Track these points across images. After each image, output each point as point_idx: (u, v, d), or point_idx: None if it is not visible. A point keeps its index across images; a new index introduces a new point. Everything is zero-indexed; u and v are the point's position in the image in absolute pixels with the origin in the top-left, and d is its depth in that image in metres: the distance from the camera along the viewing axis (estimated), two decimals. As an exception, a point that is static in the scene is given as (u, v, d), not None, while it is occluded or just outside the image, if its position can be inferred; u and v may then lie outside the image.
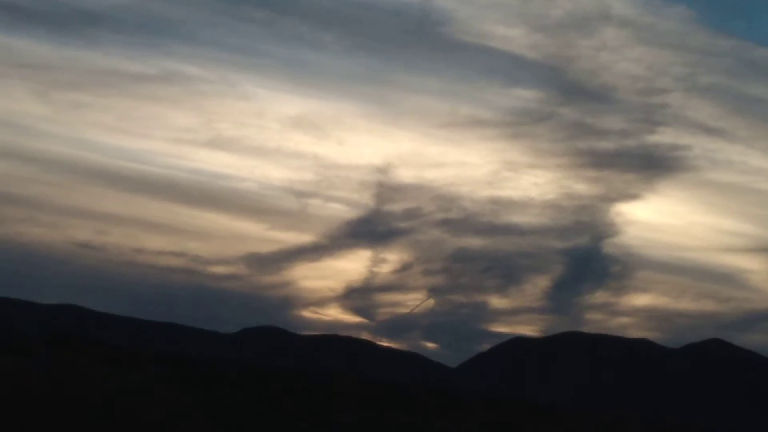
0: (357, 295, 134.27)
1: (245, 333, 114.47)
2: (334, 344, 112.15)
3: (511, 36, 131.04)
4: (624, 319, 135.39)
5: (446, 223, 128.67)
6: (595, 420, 36.44)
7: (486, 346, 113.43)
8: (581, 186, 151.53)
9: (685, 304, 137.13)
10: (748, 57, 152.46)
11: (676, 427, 45.89)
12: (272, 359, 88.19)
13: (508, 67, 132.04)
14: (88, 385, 18.90)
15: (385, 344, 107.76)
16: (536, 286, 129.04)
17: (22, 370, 18.55)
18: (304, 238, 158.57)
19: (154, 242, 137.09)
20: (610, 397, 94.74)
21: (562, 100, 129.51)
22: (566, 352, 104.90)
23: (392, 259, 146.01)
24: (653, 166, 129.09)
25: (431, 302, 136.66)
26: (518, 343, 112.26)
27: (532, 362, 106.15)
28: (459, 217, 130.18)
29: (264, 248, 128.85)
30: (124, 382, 21.29)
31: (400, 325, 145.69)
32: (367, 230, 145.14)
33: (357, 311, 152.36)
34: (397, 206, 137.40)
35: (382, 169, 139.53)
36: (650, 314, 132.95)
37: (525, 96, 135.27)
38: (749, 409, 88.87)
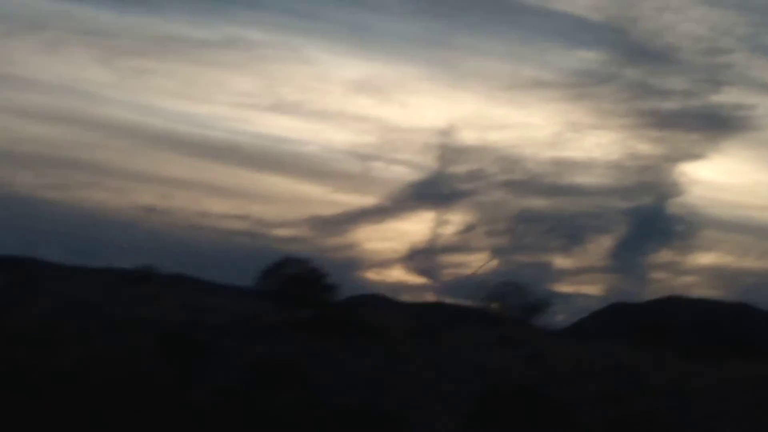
0: (421, 257, 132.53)
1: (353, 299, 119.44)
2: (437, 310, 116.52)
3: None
4: (689, 278, 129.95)
5: (509, 185, 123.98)
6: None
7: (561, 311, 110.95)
8: (645, 146, 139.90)
9: (750, 263, 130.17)
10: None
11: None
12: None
13: (570, 29, 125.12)
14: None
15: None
16: (600, 246, 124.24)
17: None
18: (367, 200, 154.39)
19: (218, 206, 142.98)
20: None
21: (625, 61, 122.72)
22: (669, 315, 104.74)
23: (455, 220, 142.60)
24: (717, 126, 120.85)
25: (494, 263, 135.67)
26: (617, 308, 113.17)
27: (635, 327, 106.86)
28: (522, 179, 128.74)
29: (327, 210, 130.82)
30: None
31: (464, 286, 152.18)
32: (431, 192, 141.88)
33: (421, 272, 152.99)
34: (460, 168, 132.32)
35: (445, 132, 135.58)
36: (715, 273, 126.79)
37: (588, 57, 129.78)
38: None
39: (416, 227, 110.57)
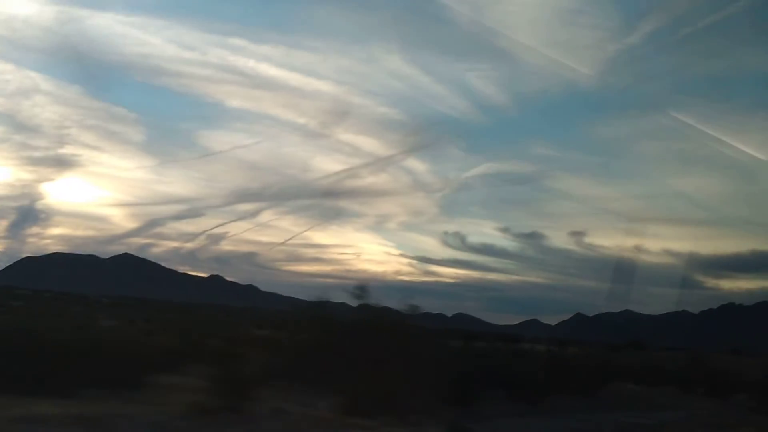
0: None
1: None
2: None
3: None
4: (49, 241, 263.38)
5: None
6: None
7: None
8: (26, 175, 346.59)
9: (87, 233, 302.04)
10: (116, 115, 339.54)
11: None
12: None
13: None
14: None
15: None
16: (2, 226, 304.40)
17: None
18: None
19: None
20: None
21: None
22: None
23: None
24: (62, 164, 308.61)
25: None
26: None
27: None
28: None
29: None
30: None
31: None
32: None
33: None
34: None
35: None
36: (61, 238, 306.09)
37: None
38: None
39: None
